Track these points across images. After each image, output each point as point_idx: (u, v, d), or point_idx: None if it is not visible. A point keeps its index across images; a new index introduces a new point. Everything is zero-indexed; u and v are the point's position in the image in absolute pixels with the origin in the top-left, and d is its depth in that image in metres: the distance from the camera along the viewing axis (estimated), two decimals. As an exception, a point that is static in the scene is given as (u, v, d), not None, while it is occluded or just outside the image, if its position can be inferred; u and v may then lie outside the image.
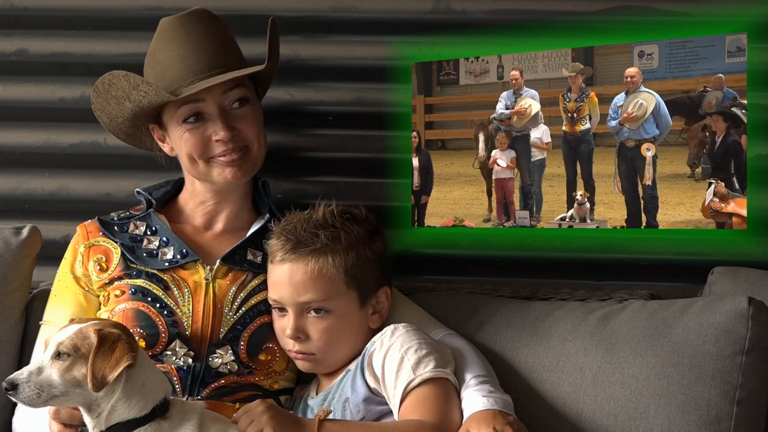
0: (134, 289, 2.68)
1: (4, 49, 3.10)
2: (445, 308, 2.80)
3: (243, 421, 2.40)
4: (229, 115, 2.71)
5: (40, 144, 3.10)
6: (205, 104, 2.69)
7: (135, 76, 2.65)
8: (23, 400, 2.29)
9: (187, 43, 2.69)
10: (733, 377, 2.58)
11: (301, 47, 3.03)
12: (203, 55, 2.69)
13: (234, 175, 2.71)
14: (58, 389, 2.30)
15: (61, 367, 2.30)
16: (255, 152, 2.73)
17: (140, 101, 2.67)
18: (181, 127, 2.71)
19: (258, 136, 2.74)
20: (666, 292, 2.89)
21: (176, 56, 2.69)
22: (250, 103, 2.74)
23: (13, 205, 3.11)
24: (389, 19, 3.02)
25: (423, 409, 2.47)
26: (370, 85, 3.02)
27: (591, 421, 2.61)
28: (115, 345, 2.30)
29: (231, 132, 2.69)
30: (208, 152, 2.71)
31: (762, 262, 2.90)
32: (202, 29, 2.71)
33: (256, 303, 2.69)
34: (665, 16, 2.96)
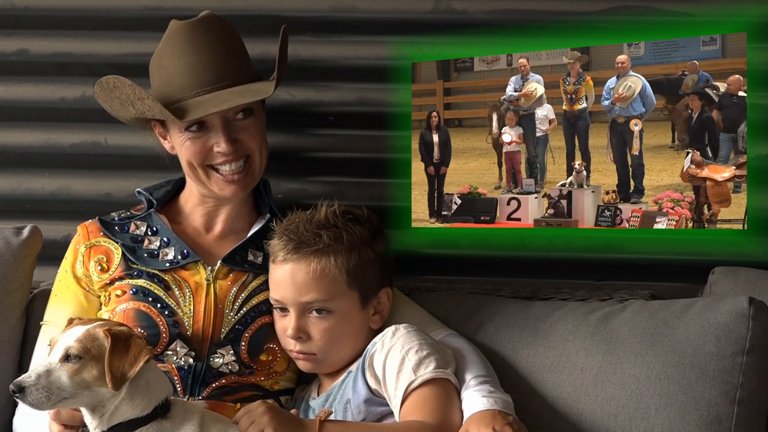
0: (135, 289, 2.68)
1: (5, 49, 3.10)
2: (445, 308, 2.80)
3: (244, 422, 2.39)
4: (233, 126, 2.69)
5: (41, 144, 3.10)
6: (208, 115, 2.67)
7: (141, 90, 2.63)
8: (31, 403, 2.28)
9: (194, 52, 2.66)
10: (733, 377, 2.58)
11: (302, 47, 3.03)
12: (210, 67, 2.66)
13: (234, 193, 2.71)
14: (67, 392, 2.30)
15: (70, 369, 2.30)
16: (257, 163, 2.72)
17: (144, 112, 2.66)
18: (183, 134, 2.69)
19: (260, 147, 2.72)
20: (667, 292, 2.89)
21: (183, 64, 2.66)
22: (255, 114, 2.71)
23: (14, 205, 3.11)
24: (390, 19, 3.02)
25: (424, 410, 2.47)
26: (371, 85, 3.02)
27: (591, 421, 2.61)
28: (129, 342, 2.31)
29: (233, 145, 2.67)
30: (208, 160, 2.70)
31: (762, 262, 2.90)
32: (212, 39, 2.68)
33: (257, 303, 2.69)
34: (666, 16, 2.97)
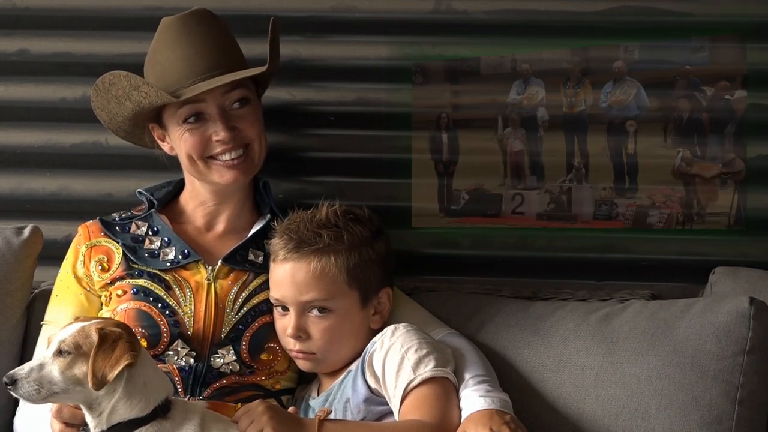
0: (136, 288, 2.68)
1: (6, 49, 3.10)
2: (446, 308, 2.80)
3: (243, 421, 2.39)
4: (230, 115, 2.70)
5: (42, 144, 3.10)
6: (205, 105, 2.69)
7: (136, 77, 2.64)
8: (22, 395, 2.30)
9: (188, 43, 2.69)
10: (734, 377, 2.58)
11: (302, 47, 3.03)
12: (204, 56, 2.68)
13: (235, 178, 2.71)
14: (58, 386, 2.30)
15: (62, 364, 2.30)
16: (256, 151, 2.73)
17: (141, 102, 2.67)
18: (181, 127, 2.71)
19: (259, 135, 2.73)
20: (667, 292, 2.89)
21: (177, 57, 2.68)
22: (251, 104, 2.73)
23: (15, 205, 3.11)
24: (390, 19, 3.02)
25: (423, 409, 2.47)
26: (371, 85, 3.02)
27: (592, 421, 2.61)
28: (116, 344, 2.30)
29: (231, 132, 2.68)
30: (208, 151, 2.70)
31: (763, 262, 2.90)
32: (204, 30, 2.70)
33: (258, 303, 2.69)
34: (666, 16, 2.97)
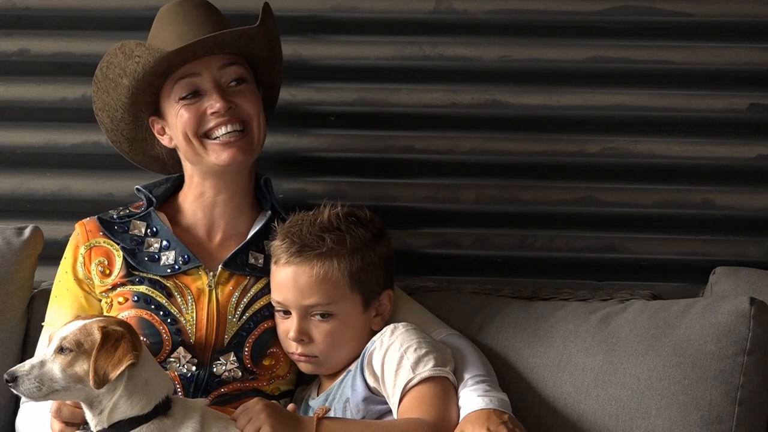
0: (137, 296, 2.65)
1: (6, 49, 3.10)
2: (447, 308, 2.80)
3: (242, 419, 2.39)
4: (226, 90, 2.66)
5: (42, 144, 3.10)
6: (200, 79, 2.65)
7: (129, 42, 2.61)
8: (23, 392, 2.30)
9: (184, 23, 2.65)
10: (734, 377, 2.58)
11: (303, 47, 3.03)
12: (201, 34, 2.62)
13: (232, 157, 2.65)
14: (59, 384, 2.30)
15: (63, 361, 2.30)
16: (254, 131, 2.68)
17: (136, 71, 2.62)
18: (178, 105, 2.66)
19: (257, 113, 2.68)
20: (667, 293, 2.90)
21: (173, 35, 2.64)
22: (248, 83, 2.69)
23: (15, 205, 3.11)
24: (391, 19, 3.02)
25: (422, 408, 2.46)
26: (372, 85, 3.02)
27: (592, 421, 2.61)
28: (119, 343, 2.30)
29: (227, 103, 2.63)
30: (203, 126, 2.65)
31: (763, 262, 2.91)
32: (200, 12, 2.67)
33: (260, 308, 2.67)
34: (666, 16, 2.97)
